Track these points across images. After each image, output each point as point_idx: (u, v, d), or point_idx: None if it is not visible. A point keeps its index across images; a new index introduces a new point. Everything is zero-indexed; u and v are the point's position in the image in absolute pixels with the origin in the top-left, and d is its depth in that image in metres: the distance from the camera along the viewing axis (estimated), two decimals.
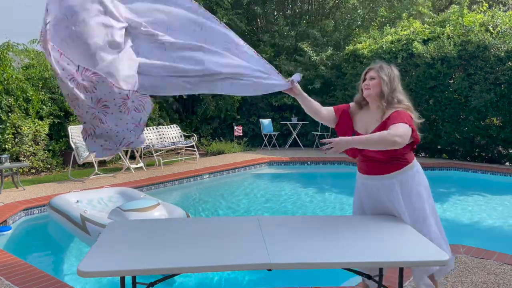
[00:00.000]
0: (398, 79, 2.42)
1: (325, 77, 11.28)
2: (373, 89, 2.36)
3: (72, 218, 4.26)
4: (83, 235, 4.04)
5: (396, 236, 2.17)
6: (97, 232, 3.77)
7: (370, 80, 2.38)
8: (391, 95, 2.33)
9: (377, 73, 2.37)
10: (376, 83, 2.35)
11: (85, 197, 4.98)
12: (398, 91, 2.38)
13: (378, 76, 2.36)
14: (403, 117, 2.23)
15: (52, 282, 2.97)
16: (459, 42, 8.59)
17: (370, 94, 2.38)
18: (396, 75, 2.41)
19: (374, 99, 2.38)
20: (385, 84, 2.33)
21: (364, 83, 2.42)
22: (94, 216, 4.06)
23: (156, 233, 2.32)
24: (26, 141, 7.79)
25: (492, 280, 3.01)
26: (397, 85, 2.39)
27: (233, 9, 13.63)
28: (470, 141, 8.96)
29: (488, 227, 5.12)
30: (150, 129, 9.16)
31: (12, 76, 7.71)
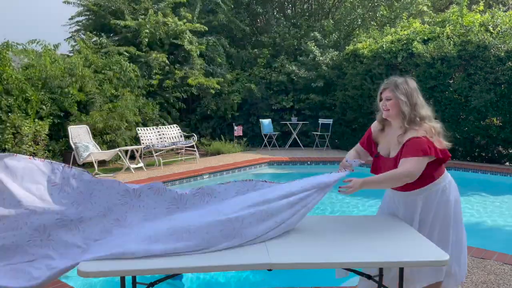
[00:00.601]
0: (417, 92, 2.31)
1: (326, 77, 11.30)
2: (392, 110, 2.28)
3: None
4: None
5: (396, 236, 2.17)
6: None
7: (386, 101, 2.30)
8: (413, 113, 2.25)
9: (393, 92, 2.28)
10: (393, 103, 2.27)
11: None
12: (419, 106, 2.28)
13: (394, 96, 2.27)
14: (416, 148, 2.18)
15: (52, 282, 2.96)
16: (459, 42, 8.59)
17: (389, 115, 2.31)
18: (413, 89, 2.30)
19: (396, 119, 2.31)
20: (403, 104, 2.24)
21: (381, 103, 2.34)
22: None
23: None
24: (26, 141, 7.79)
25: (492, 280, 3.01)
26: (417, 99, 2.29)
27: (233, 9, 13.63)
28: (470, 141, 8.96)
29: (488, 227, 5.12)
30: (150, 129, 9.16)
31: (12, 76, 7.71)
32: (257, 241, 2.03)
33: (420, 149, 2.19)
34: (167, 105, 11.30)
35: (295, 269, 1.95)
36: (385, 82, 2.36)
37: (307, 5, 15.56)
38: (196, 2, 12.32)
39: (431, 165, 2.26)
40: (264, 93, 12.07)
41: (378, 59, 9.71)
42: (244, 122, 12.20)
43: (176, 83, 11.14)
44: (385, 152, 2.41)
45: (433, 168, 2.29)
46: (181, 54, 11.34)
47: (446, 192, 2.33)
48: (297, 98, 11.85)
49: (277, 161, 9.32)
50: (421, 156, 2.19)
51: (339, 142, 11.33)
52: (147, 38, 10.60)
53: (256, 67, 12.60)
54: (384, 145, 2.42)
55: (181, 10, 11.63)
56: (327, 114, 11.47)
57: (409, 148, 2.22)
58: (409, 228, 2.28)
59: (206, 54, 12.01)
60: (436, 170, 2.32)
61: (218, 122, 12.22)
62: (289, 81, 11.85)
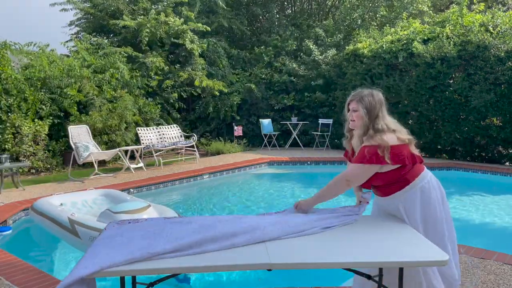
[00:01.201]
0: (381, 105, 2.37)
1: (326, 76, 11.31)
2: (357, 120, 2.38)
3: (59, 221, 4.13)
4: (73, 239, 3.94)
5: (396, 236, 2.17)
6: (88, 235, 3.72)
7: (353, 112, 2.40)
8: (370, 125, 2.33)
9: (357, 104, 2.37)
10: (358, 115, 2.36)
11: (68, 199, 4.85)
12: (380, 118, 2.34)
13: (359, 108, 2.36)
14: (361, 156, 2.30)
15: (52, 282, 2.97)
16: (459, 42, 8.59)
17: (355, 125, 2.41)
18: (377, 103, 2.36)
19: (359, 129, 2.41)
20: (365, 115, 2.34)
21: (348, 114, 2.44)
22: (84, 219, 3.96)
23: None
24: (26, 141, 7.79)
25: (492, 280, 3.01)
26: (379, 112, 2.35)
27: (233, 10, 13.63)
28: (470, 141, 8.96)
29: (488, 227, 5.12)
30: (150, 129, 9.16)
31: (12, 76, 7.71)
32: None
33: (365, 157, 2.28)
34: (167, 105, 11.30)
35: (295, 269, 1.95)
36: (352, 94, 2.44)
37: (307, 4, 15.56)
38: (196, 2, 12.33)
39: (400, 169, 2.31)
40: (264, 93, 12.08)
41: (378, 59, 9.71)
42: (244, 122, 12.21)
43: (176, 83, 11.14)
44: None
45: (405, 171, 2.33)
46: (182, 53, 11.34)
47: (426, 191, 2.35)
48: (298, 97, 11.87)
49: (277, 161, 9.33)
50: (365, 164, 2.28)
51: (339, 142, 11.33)
52: (147, 38, 10.58)
53: (257, 67, 12.60)
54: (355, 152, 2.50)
55: (182, 9, 11.62)
56: (326, 112, 11.48)
57: (356, 156, 2.35)
58: (409, 228, 2.28)
59: (207, 55, 12.02)
60: (409, 173, 2.35)
61: (218, 122, 12.22)
62: (289, 81, 11.86)
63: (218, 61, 12.06)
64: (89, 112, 8.75)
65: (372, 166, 2.29)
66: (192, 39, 11.22)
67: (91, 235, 3.70)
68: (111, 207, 3.99)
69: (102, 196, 5.08)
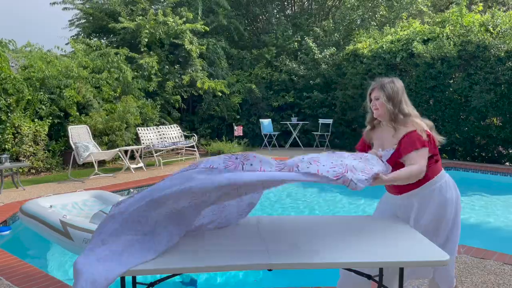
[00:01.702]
0: (402, 91, 2.39)
1: (326, 76, 11.32)
2: (381, 108, 2.38)
3: (50, 224, 4.06)
4: (65, 241, 3.87)
5: (396, 236, 2.17)
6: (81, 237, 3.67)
7: (375, 100, 2.40)
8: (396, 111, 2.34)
9: (379, 92, 2.38)
10: (382, 103, 2.37)
11: (58, 201, 4.77)
12: (404, 104, 2.36)
13: (381, 96, 2.37)
14: (413, 142, 2.25)
15: (52, 282, 2.96)
16: (459, 42, 8.59)
17: (379, 114, 2.40)
18: (399, 89, 2.38)
19: (385, 117, 2.40)
20: (387, 102, 2.34)
21: (371, 103, 2.43)
22: (77, 221, 3.90)
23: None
24: (26, 141, 7.79)
25: (492, 280, 3.01)
26: (402, 98, 2.37)
27: (233, 10, 13.63)
28: (470, 141, 8.96)
29: (488, 227, 5.12)
30: (150, 129, 9.16)
31: (10, 76, 7.70)
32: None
33: (417, 142, 2.26)
34: (167, 105, 11.30)
35: (295, 269, 1.95)
36: (373, 83, 2.45)
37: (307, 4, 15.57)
38: (197, 2, 12.32)
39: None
40: (265, 93, 12.08)
41: (378, 59, 9.72)
42: (245, 122, 12.21)
43: (176, 84, 11.14)
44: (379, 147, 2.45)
45: (428, 166, 2.30)
46: (181, 54, 11.34)
47: (443, 191, 2.34)
48: (297, 95, 11.88)
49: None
50: (420, 148, 2.25)
51: (339, 142, 11.33)
52: (147, 39, 10.57)
53: (257, 67, 12.61)
54: (378, 143, 2.48)
55: (182, 9, 11.62)
56: (326, 112, 11.48)
57: (406, 144, 2.28)
58: (409, 228, 2.28)
59: (207, 56, 12.02)
60: (431, 169, 2.33)
61: (218, 122, 12.23)
62: (289, 81, 11.87)
63: (218, 62, 12.06)
64: (89, 113, 8.75)
65: (425, 149, 2.27)
66: (191, 40, 11.21)
67: (84, 237, 3.65)
68: (104, 209, 3.92)
69: (93, 197, 4.99)
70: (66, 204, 4.76)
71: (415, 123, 2.32)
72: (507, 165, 8.60)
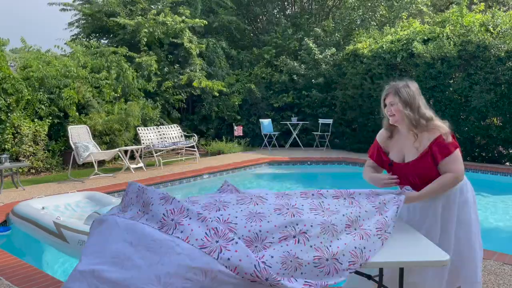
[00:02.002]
0: (419, 94, 2.27)
1: (326, 76, 11.32)
2: (397, 114, 2.25)
3: (44, 225, 4.01)
4: (60, 243, 3.83)
5: (396, 236, 2.16)
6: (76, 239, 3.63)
7: (391, 106, 2.27)
8: (417, 116, 2.22)
9: (394, 97, 2.25)
10: (398, 108, 2.24)
11: (50, 203, 4.72)
12: (422, 107, 2.25)
13: (396, 101, 2.25)
14: (446, 147, 2.18)
15: (52, 282, 2.96)
16: (459, 42, 8.59)
17: (396, 120, 2.28)
18: (414, 92, 2.26)
19: (402, 123, 2.28)
20: (406, 108, 2.22)
21: (386, 109, 2.31)
22: (72, 223, 3.85)
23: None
24: (26, 141, 7.79)
25: (492, 280, 3.01)
26: (420, 101, 2.25)
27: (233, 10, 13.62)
28: (470, 141, 8.95)
29: (488, 227, 5.12)
30: (151, 129, 9.15)
31: (10, 76, 7.70)
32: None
33: (451, 145, 2.19)
34: (167, 105, 11.30)
35: None
36: (387, 88, 2.33)
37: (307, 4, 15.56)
38: (197, 1, 12.32)
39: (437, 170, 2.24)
40: (264, 93, 12.08)
41: (378, 59, 9.71)
42: (245, 122, 12.21)
43: (176, 84, 11.14)
44: (399, 158, 2.36)
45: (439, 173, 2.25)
46: (181, 53, 11.33)
47: (464, 191, 2.31)
48: (297, 95, 11.88)
49: (277, 161, 9.32)
50: (454, 152, 2.19)
51: (339, 142, 11.33)
52: (146, 38, 10.57)
53: (257, 67, 12.60)
54: (397, 151, 2.37)
55: (180, 8, 11.63)
56: (326, 111, 11.48)
57: (438, 151, 2.19)
58: (409, 228, 2.28)
59: (206, 55, 12.01)
60: None
61: (218, 122, 12.22)
62: (290, 80, 11.87)
63: (217, 61, 12.06)
64: (89, 114, 8.75)
65: (459, 151, 2.21)
66: (190, 39, 11.20)
67: (79, 238, 3.60)
68: (98, 210, 3.86)
69: (86, 199, 4.94)
70: (59, 205, 4.70)
71: (438, 127, 2.21)
72: (507, 165, 8.59)
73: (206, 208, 1.91)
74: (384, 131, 2.44)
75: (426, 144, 2.22)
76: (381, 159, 2.45)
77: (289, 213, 1.90)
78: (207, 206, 1.93)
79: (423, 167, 2.23)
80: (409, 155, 2.29)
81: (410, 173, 2.27)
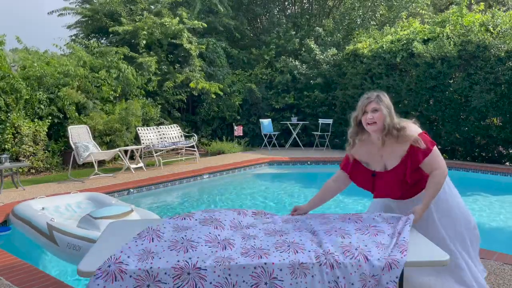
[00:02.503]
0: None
1: (327, 76, 11.32)
2: (379, 122, 2.27)
3: (38, 227, 3.94)
4: (50, 246, 3.75)
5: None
6: (65, 242, 3.56)
7: (373, 113, 2.27)
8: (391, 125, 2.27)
9: (378, 104, 2.27)
10: (380, 116, 2.26)
11: (51, 203, 4.64)
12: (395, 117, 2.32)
13: (380, 108, 2.27)
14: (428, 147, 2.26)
15: (52, 282, 2.96)
16: (459, 42, 8.59)
17: (375, 129, 2.29)
18: (389, 101, 2.35)
19: (379, 131, 2.30)
20: (388, 116, 2.26)
21: (367, 116, 2.29)
22: (63, 225, 3.77)
23: None
24: (26, 141, 7.79)
25: (492, 280, 3.01)
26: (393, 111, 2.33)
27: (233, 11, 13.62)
28: (470, 141, 8.95)
29: (488, 227, 5.12)
30: (150, 129, 9.15)
31: (10, 75, 7.70)
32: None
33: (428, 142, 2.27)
34: (167, 105, 11.29)
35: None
36: (366, 97, 2.35)
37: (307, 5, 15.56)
38: (195, 2, 12.31)
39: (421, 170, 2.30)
40: (265, 93, 12.08)
41: (378, 59, 9.71)
42: (245, 122, 12.21)
43: (176, 84, 11.14)
44: (380, 167, 2.39)
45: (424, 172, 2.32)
46: (181, 53, 11.33)
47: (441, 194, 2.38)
48: (297, 95, 11.88)
49: (277, 161, 9.32)
50: (433, 149, 2.27)
51: (339, 142, 11.33)
52: (145, 40, 10.59)
53: (257, 67, 12.60)
54: (375, 160, 2.39)
55: (179, 9, 11.63)
56: (326, 111, 11.48)
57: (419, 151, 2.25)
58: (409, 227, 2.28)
59: (206, 56, 12.01)
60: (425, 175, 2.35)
61: (218, 122, 12.22)
62: (291, 81, 11.87)
63: (218, 61, 12.05)
64: (90, 114, 8.74)
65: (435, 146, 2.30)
66: (190, 40, 11.20)
67: (68, 242, 3.54)
68: (92, 212, 3.81)
69: (87, 199, 4.88)
70: (59, 206, 4.64)
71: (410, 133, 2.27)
72: (507, 165, 8.59)
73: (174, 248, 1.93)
74: (349, 140, 2.47)
75: (404, 149, 2.28)
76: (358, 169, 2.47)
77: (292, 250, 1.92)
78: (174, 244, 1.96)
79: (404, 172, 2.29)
80: (390, 161, 2.33)
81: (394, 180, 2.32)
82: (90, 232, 3.56)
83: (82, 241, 3.49)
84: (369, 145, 2.38)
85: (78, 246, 3.49)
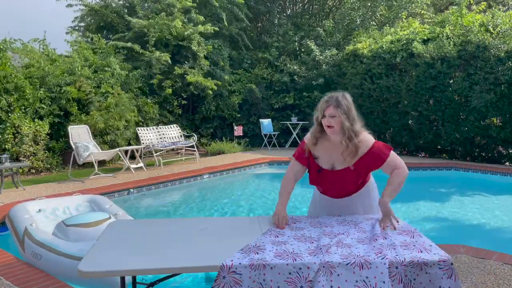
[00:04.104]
0: (353, 106, 2.40)
1: (327, 76, 11.33)
2: (336, 127, 2.34)
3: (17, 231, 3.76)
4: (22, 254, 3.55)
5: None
6: (30, 250, 3.37)
7: (330, 118, 2.33)
8: (352, 129, 2.33)
9: (336, 110, 2.32)
10: (338, 121, 2.32)
11: (49, 205, 4.50)
12: (356, 121, 2.37)
13: (338, 114, 2.32)
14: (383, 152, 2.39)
15: (52, 282, 2.96)
16: (459, 42, 8.59)
17: (333, 132, 2.36)
18: (351, 104, 2.39)
19: (338, 134, 2.37)
20: (345, 121, 2.32)
21: (325, 121, 2.36)
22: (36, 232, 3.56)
23: (157, 233, 2.32)
24: (26, 141, 7.79)
25: (492, 280, 3.01)
26: (354, 114, 2.37)
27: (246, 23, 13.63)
28: (470, 141, 8.96)
29: (488, 227, 5.12)
30: (150, 129, 9.16)
31: (12, 75, 7.70)
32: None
33: (386, 149, 2.41)
34: (167, 105, 11.30)
35: None
36: (325, 100, 2.39)
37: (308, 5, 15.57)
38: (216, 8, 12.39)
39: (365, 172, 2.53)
40: (265, 93, 12.09)
41: (378, 59, 9.71)
42: (245, 122, 12.22)
43: (177, 83, 11.14)
44: (328, 166, 2.48)
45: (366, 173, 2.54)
46: (184, 53, 11.34)
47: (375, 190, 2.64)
48: (297, 96, 11.89)
49: (277, 161, 9.32)
50: (390, 153, 2.41)
51: None
52: (155, 38, 10.64)
53: (258, 67, 12.61)
54: (326, 159, 2.48)
55: (192, 12, 11.68)
56: None
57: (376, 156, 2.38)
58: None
59: (210, 57, 12.02)
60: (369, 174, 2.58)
61: (218, 122, 12.23)
62: (290, 81, 11.88)
63: (221, 63, 12.08)
64: (90, 112, 8.75)
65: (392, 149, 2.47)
66: (199, 42, 11.26)
67: (33, 249, 3.35)
68: (66, 219, 3.65)
69: (86, 202, 4.76)
70: (57, 208, 4.51)
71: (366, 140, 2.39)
72: (507, 165, 8.59)
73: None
74: (310, 137, 2.51)
75: (359, 155, 2.38)
76: (309, 163, 2.57)
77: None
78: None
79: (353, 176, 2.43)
80: (339, 163, 2.43)
81: (339, 181, 2.45)
82: (54, 240, 3.35)
83: (43, 249, 3.27)
84: (327, 143, 2.45)
85: (39, 255, 3.27)
